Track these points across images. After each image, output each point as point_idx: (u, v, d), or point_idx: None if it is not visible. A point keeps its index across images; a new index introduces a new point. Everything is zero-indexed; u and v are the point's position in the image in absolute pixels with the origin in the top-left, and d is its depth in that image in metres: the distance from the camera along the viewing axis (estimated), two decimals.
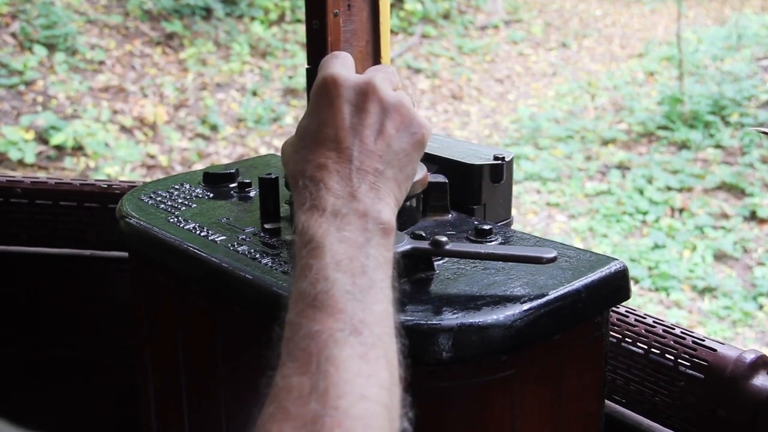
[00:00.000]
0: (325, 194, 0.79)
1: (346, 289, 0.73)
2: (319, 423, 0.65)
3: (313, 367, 0.68)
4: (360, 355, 0.70)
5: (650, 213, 6.38)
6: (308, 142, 0.85)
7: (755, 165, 6.95)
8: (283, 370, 0.70)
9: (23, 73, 7.30)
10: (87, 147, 6.76)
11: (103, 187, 1.79)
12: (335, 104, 0.85)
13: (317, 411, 0.66)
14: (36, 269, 1.81)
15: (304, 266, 0.75)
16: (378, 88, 0.87)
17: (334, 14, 1.55)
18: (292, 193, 0.85)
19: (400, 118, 0.87)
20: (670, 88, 8.70)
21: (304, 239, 0.77)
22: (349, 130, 0.84)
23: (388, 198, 0.83)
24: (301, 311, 0.73)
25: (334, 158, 0.82)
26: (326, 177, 0.81)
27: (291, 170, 0.85)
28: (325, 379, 0.67)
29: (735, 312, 5.12)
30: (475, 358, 0.96)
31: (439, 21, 10.88)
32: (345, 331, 0.71)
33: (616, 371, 1.31)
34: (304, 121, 0.88)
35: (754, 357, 1.18)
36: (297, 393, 0.67)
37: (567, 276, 1.04)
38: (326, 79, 0.87)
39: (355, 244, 0.77)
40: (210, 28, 9.03)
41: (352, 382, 0.68)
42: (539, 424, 1.05)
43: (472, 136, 8.19)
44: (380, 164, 0.84)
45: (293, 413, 0.66)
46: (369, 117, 0.85)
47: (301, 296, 0.73)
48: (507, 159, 1.30)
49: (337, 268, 0.74)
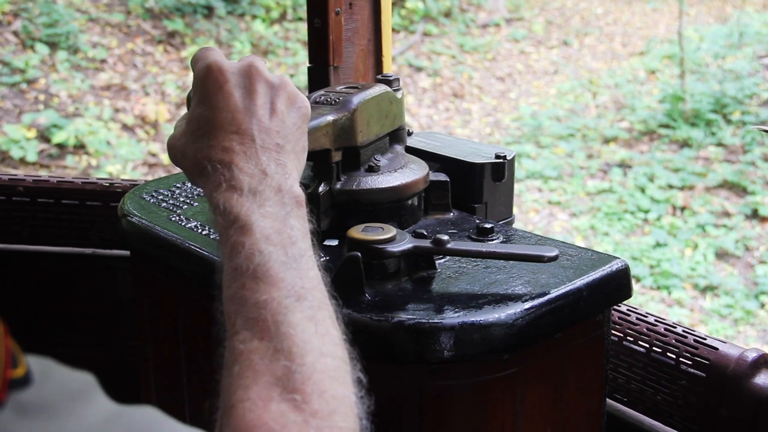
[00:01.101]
0: (238, 174, 0.83)
1: (281, 260, 0.78)
2: (291, 378, 0.70)
3: (271, 331, 0.73)
4: (309, 318, 0.75)
5: (652, 211, 6.37)
6: (206, 129, 0.87)
7: (757, 163, 6.94)
8: (240, 336, 0.74)
9: (25, 71, 7.30)
10: (89, 145, 6.76)
11: (104, 185, 1.79)
12: (225, 89, 0.88)
13: (287, 367, 0.71)
14: (38, 267, 1.81)
15: (235, 244, 0.79)
16: (261, 69, 0.91)
17: (335, 12, 1.55)
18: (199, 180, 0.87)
19: (286, 95, 0.91)
20: (671, 86, 8.69)
21: (229, 219, 0.80)
22: (244, 112, 0.87)
23: (293, 171, 0.88)
24: (242, 285, 0.76)
25: (237, 140, 0.85)
26: (235, 158, 0.84)
27: (193, 159, 0.87)
28: (286, 340, 0.72)
29: (737, 310, 5.11)
30: (476, 357, 0.96)
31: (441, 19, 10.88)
32: (291, 297, 0.76)
33: (618, 370, 1.31)
34: (196, 111, 0.89)
35: (755, 356, 1.18)
36: (261, 354, 0.72)
37: (568, 274, 1.04)
38: (210, 67, 0.89)
39: (278, 218, 0.81)
40: (211, 27, 9.03)
41: (311, 342, 0.74)
42: (541, 423, 1.05)
43: (473, 135, 8.18)
44: (280, 140, 0.88)
45: (263, 370, 0.71)
46: (259, 97, 0.89)
47: (239, 272, 0.77)
48: (508, 157, 1.30)
49: (267, 241, 0.78)
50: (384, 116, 1.21)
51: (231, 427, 0.68)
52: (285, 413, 0.68)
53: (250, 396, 0.69)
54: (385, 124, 1.21)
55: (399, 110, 1.25)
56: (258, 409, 0.68)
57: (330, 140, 1.13)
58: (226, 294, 0.78)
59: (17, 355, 0.51)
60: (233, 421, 0.68)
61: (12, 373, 0.49)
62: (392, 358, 0.96)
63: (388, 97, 1.21)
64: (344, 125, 1.14)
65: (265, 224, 0.80)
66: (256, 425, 0.67)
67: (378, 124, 1.20)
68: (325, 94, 1.19)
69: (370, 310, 0.96)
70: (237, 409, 0.69)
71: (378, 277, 1.02)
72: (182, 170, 0.91)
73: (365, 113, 1.16)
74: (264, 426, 0.67)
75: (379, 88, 1.20)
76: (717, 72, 8.89)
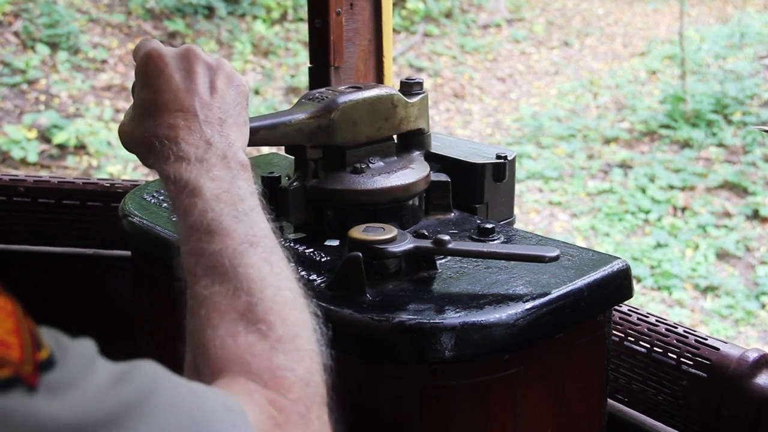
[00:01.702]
0: (185, 147, 0.88)
1: (232, 214, 0.84)
2: (254, 310, 0.76)
3: (230, 274, 0.79)
4: (264, 260, 0.81)
5: (652, 212, 6.37)
6: (151, 110, 0.92)
7: (758, 164, 6.93)
8: (201, 283, 0.80)
9: (26, 71, 7.30)
10: (89, 146, 6.76)
11: (105, 185, 1.79)
12: (165, 72, 0.93)
13: (249, 301, 0.77)
14: (38, 268, 1.81)
15: (188, 205, 0.85)
16: (198, 52, 0.96)
17: (336, 13, 1.55)
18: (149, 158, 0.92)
19: (224, 74, 0.97)
20: (672, 86, 8.69)
21: (180, 185, 0.86)
22: (186, 92, 0.92)
23: (236, 141, 0.93)
24: (198, 239, 0.82)
25: (181, 117, 0.91)
26: (180, 133, 0.89)
27: (141, 139, 0.92)
28: (245, 279, 0.79)
29: (737, 311, 5.11)
30: (477, 357, 0.96)
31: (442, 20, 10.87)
32: (244, 244, 0.81)
33: (619, 370, 1.31)
34: (140, 96, 0.94)
35: (756, 356, 1.18)
36: (223, 295, 0.78)
37: (569, 275, 1.04)
38: (150, 53, 0.95)
39: (225, 180, 0.87)
40: (212, 27, 9.03)
41: (268, 279, 0.80)
42: (541, 423, 1.05)
43: (474, 135, 8.18)
44: (221, 114, 0.93)
45: (227, 309, 0.77)
46: (199, 77, 0.94)
47: (193, 229, 0.83)
48: (509, 158, 1.30)
49: (217, 200, 0.84)
50: (382, 119, 1.20)
51: (206, 365, 0.74)
52: (253, 343, 0.74)
53: (219, 334, 0.74)
54: (384, 127, 1.21)
55: (408, 114, 1.24)
56: (228, 345, 0.74)
57: (304, 137, 1.15)
58: (184, 250, 0.83)
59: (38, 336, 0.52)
60: (208, 360, 0.74)
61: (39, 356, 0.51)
62: (393, 358, 0.96)
63: (391, 99, 1.20)
64: (321, 124, 1.15)
65: (214, 186, 0.85)
66: (229, 359, 0.73)
67: (371, 127, 1.19)
68: (322, 92, 1.20)
69: (371, 311, 0.96)
70: (209, 348, 0.74)
71: (379, 277, 1.02)
72: (134, 153, 0.95)
73: (351, 114, 1.16)
74: (237, 358, 0.73)
75: (379, 90, 1.20)
76: (718, 72, 8.89)
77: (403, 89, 1.26)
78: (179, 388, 0.60)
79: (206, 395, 0.62)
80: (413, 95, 1.25)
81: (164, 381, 0.59)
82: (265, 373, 0.72)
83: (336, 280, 1.01)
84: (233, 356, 0.73)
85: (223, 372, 0.72)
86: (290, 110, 1.16)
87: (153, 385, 0.57)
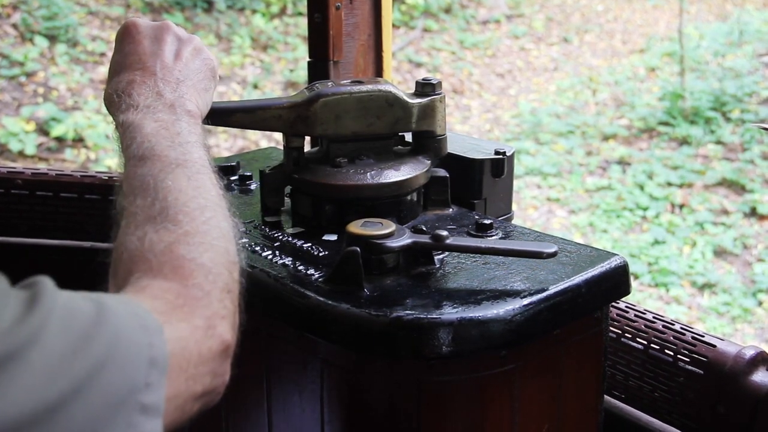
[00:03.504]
0: (137, 97, 0.95)
1: (167, 144, 0.90)
2: (164, 213, 0.82)
3: (151, 188, 0.85)
4: (187, 177, 0.87)
5: (650, 209, 6.37)
6: (117, 70, 1.00)
7: (756, 161, 6.94)
8: (127, 199, 0.86)
9: (24, 64, 7.28)
10: (88, 139, 6.75)
11: (103, 178, 1.78)
12: (136, 39, 1.02)
13: (161, 206, 0.82)
14: (36, 261, 1.81)
15: (129, 140, 0.91)
16: (172, 27, 1.04)
17: (336, 7, 1.55)
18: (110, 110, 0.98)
19: (192, 47, 1.04)
20: (671, 83, 8.68)
21: (125, 127, 0.93)
22: (150, 55, 1.00)
23: (189, 97, 0.99)
24: (133, 166, 0.88)
25: (140, 74, 0.98)
26: (136, 87, 0.96)
27: (107, 95, 0.99)
28: (163, 191, 0.84)
29: (734, 308, 5.12)
30: (474, 353, 0.96)
31: (441, 15, 10.86)
32: (171, 165, 0.87)
33: (616, 366, 1.31)
34: (112, 59, 1.02)
35: (753, 353, 1.18)
36: (141, 206, 0.83)
37: (567, 271, 1.04)
38: (126, 24, 1.03)
39: (168, 121, 0.93)
40: (211, 21, 9.01)
41: (186, 190, 0.85)
42: (539, 419, 1.05)
43: (473, 131, 8.18)
44: (180, 76, 1.00)
45: (142, 216, 0.82)
46: (166, 45, 1.02)
47: (130, 158, 0.89)
48: (508, 154, 1.30)
49: (156, 134, 0.91)
50: (374, 116, 1.19)
51: (120, 270, 0.80)
52: (158, 240, 0.79)
53: (131, 239, 0.80)
54: (375, 125, 1.19)
55: (406, 114, 1.21)
56: (135, 247, 0.79)
57: (284, 125, 1.17)
58: (122, 179, 0.89)
59: None
60: (120, 264, 0.80)
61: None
62: (390, 353, 0.96)
63: (385, 98, 1.19)
64: (301, 114, 1.16)
65: (155, 125, 0.92)
66: (135, 260, 0.78)
67: (358, 123, 1.18)
68: (319, 83, 1.21)
69: (369, 305, 0.96)
70: (123, 253, 0.80)
71: (377, 272, 1.02)
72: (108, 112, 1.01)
73: (334, 108, 1.16)
74: (142, 258, 0.78)
75: (371, 87, 1.19)
76: (717, 70, 8.88)
77: (417, 89, 1.24)
78: (66, 299, 0.66)
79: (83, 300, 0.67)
80: (420, 96, 1.22)
81: (58, 297, 0.65)
82: (165, 266, 0.77)
83: (334, 274, 1.01)
84: (138, 256, 0.78)
85: (131, 273, 0.77)
86: (276, 98, 1.19)
87: (52, 308, 0.62)
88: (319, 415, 1.05)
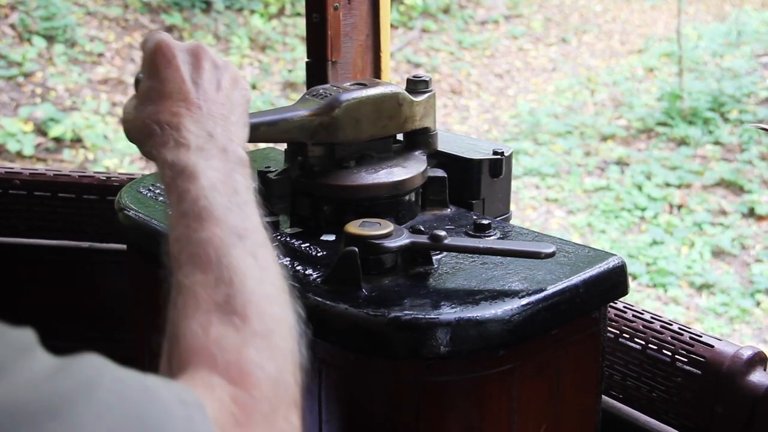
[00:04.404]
0: (186, 134, 0.87)
1: (225, 204, 0.82)
2: (231, 302, 0.74)
3: (213, 263, 0.76)
4: (251, 254, 0.79)
5: (649, 209, 6.37)
6: (155, 98, 0.91)
7: (754, 162, 6.94)
8: (183, 270, 0.77)
9: (22, 64, 7.28)
10: (86, 139, 6.74)
11: (101, 179, 1.78)
12: (173, 63, 0.92)
13: (227, 293, 0.74)
14: (34, 261, 1.81)
15: (182, 191, 0.83)
16: (208, 50, 0.96)
17: (334, 8, 1.55)
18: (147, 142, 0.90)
19: (230, 75, 0.97)
20: (669, 84, 8.69)
21: (176, 170, 0.84)
22: (191, 84, 0.92)
23: (237, 138, 0.92)
24: (187, 226, 0.80)
25: (184, 107, 0.90)
26: (183, 121, 0.88)
27: (141, 124, 0.91)
28: (228, 270, 0.76)
29: (732, 309, 5.12)
30: (472, 353, 0.96)
31: (439, 15, 10.86)
32: (233, 235, 0.79)
33: (614, 367, 1.31)
34: (145, 84, 0.94)
35: (751, 353, 1.18)
36: (203, 284, 0.75)
37: (565, 271, 1.04)
38: (160, 43, 0.94)
39: (223, 171, 0.85)
40: (210, 21, 9.01)
41: (251, 272, 0.77)
42: (536, 419, 1.05)
43: (471, 131, 8.18)
44: (224, 110, 0.92)
45: (205, 299, 0.74)
46: (205, 73, 0.94)
47: (184, 215, 0.81)
48: (506, 154, 1.30)
49: (212, 189, 0.83)
50: (387, 117, 1.19)
51: (176, 357, 0.71)
52: (224, 336, 0.71)
53: (191, 324, 0.72)
54: (388, 126, 1.20)
55: (413, 113, 1.22)
56: (199, 336, 0.71)
57: (306, 134, 1.14)
58: (172, 236, 0.81)
59: None
60: (178, 352, 0.71)
61: None
62: (389, 353, 0.97)
63: (396, 98, 1.20)
64: (323, 122, 1.14)
65: (211, 175, 0.84)
66: (198, 351, 0.70)
67: (374, 125, 1.19)
68: (326, 89, 1.19)
69: (367, 306, 0.96)
70: (181, 339, 0.72)
71: (375, 272, 1.02)
72: (134, 142, 0.94)
73: (354, 112, 1.15)
74: (204, 351, 0.70)
75: (384, 88, 1.19)
76: (715, 70, 8.89)
77: (410, 87, 1.25)
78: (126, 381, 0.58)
79: (158, 388, 0.60)
80: (419, 93, 1.24)
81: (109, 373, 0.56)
82: (232, 367, 0.69)
83: (332, 274, 1.01)
84: (202, 348, 0.70)
85: (191, 365, 0.70)
86: (292, 106, 1.16)
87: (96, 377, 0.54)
88: (317, 415, 1.05)
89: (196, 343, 0.71)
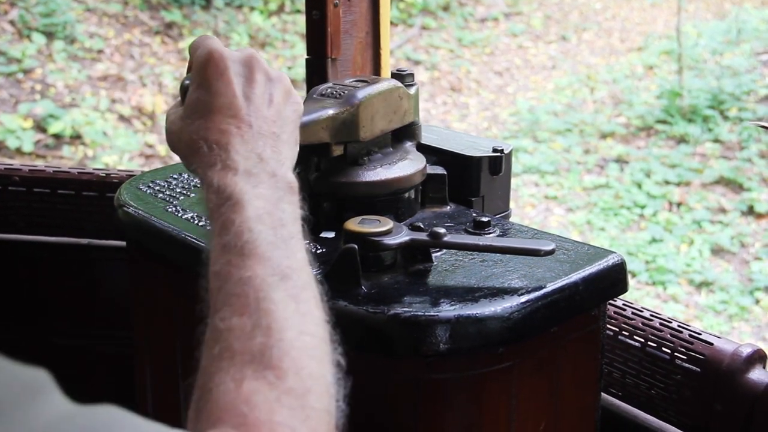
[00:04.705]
0: (234, 155, 0.83)
1: (270, 239, 0.78)
2: (267, 354, 0.69)
3: (251, 308, 0.72)
4: (292, 297, 0.75)
5: (648, 207, 6.38)
6: (203, 112, 0.87)
7: (753, 160, 6.94)
8: (220, 313, 0.73)
9: (21, 61, 7.27)
10: (85, 136, 6.74)
11: (101, 175, 1.78)
12: (225, 75, 0.88)
13: (264, 343, 0.70)
14: (33, 257, 1.81)
15: (226, 221, 0.79)
16: (261, 61, 0.92)
17: (334, 5, 1.55)
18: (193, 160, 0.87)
19: (283, 89, 0.93)
20: (669, 82, 8.69)
21: (222, 196, 0.81)
22: (242, 99, 0.88)
23: (287, 160, 0.88)
24: (228, 261, 0.76)
25: (234, 124, 0.86)
26: (232, 140, 0.84)
27: (188, 140, 0.87)
28: (266, 316, 0.72)
29: (731, 306, 5.12)
30: (472, 350, 0.96)
31: (439, 13, 10.85)
32: (275, 276, 0.75)
33: (613, 364, 1.31)
34: (194, 95, 0.89)
35: (750, 351, 1.18)
36: (240, 331, 0.71)
37: (565, 269, 1.04)
38: (212, 53, 0.89)
39: (270, 200, 0.82)
40: (209, 18, 9.00)
41: (291, 319, 0.73)
42: (536, 416, 1.05)
43: (470, 129, 8.17)
44: (275, 128, 0.89)
45: (240, 349, 0.70)
46: (258, 87, 0.90)
47: (226, 248, 0.77)
48: (506, 151, 1.30)
49: (258, 221, 0.79)
50: (392, 112, 1.20)
51: (206, 411, 0.67)
52: (257, 391, 0.67)
53: (225, 379, 0.68)
54: (393, 120, 1.20)
55: (410, 106, 1.23)
56: (230, 391, 0.67)
57: (330, 134, 1.12)
58: (212, 269, 0.78)
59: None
60: (208, 404, 0.68)
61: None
62: (388, 351, 0.97)
63: (398, 92, 1.20)
64: (346, 120, 1.13)
65: (258, 204, 0.80)
66: (228, 408, 0.66)
67: (384, 120, 1.18)
68: (332, 87, 1.18)
69: (366, 303, 0.96)
70: (212, 392, 0.68)
71: (374, 269, 1.02)
72: (177, 154, 0.90)
73: (370, 108, 1.15)
74: (234, 409, 0.66)
75: (388, 83, 1.19)
76: (715, 68, 8.89)
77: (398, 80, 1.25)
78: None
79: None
80: (410, 86, 1.24)
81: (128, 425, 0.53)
82: (263, 428, 0.65)
83: (331, 271, 1.01)
84: (232, 405, 0.66)
85: (220, 421, 0.65)
86: (311, 107, 1.13)
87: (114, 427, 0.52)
88: None
89: (227, 398, 0.67)
